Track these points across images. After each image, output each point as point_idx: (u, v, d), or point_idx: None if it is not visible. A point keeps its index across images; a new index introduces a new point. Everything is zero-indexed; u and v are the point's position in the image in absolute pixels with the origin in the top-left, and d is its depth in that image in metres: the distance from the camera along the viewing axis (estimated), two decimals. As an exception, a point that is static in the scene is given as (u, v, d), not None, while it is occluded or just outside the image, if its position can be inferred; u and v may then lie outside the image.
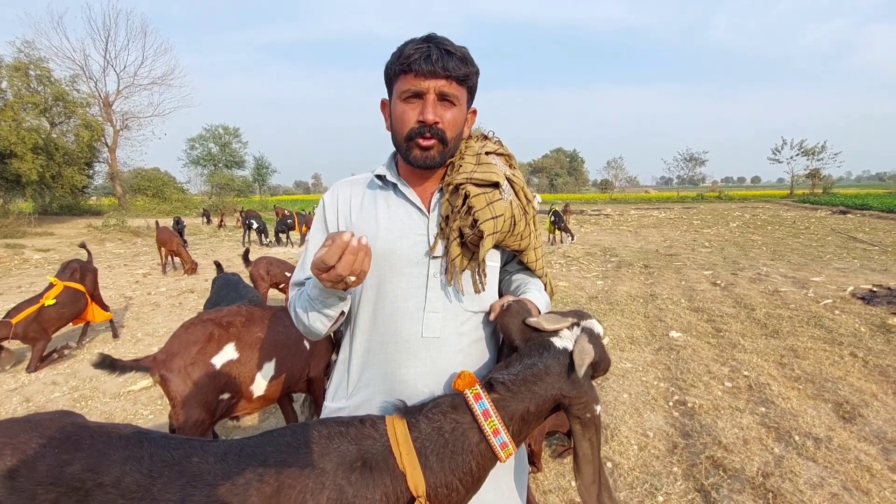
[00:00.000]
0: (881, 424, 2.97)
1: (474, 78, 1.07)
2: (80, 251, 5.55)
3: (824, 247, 11.09)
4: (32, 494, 0.88)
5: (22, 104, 18.14)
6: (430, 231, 1.10)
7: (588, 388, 0.97)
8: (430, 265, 1.08)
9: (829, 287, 6.68)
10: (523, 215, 1.13)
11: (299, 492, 0.87)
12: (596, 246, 12.11)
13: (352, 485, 0.88)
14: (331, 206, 1.16)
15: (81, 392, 3.82)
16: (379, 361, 1.09)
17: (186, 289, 7.59)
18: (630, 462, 2.65)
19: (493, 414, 0.93)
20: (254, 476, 0.89)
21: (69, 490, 0.89)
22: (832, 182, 44.91)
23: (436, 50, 1.00)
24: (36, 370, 4.21)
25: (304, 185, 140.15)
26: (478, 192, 1.06)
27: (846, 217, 20.11)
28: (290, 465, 0.90)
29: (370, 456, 0.91)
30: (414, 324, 1.07)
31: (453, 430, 0.93)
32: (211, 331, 2.24)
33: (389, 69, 1.06)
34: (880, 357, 4.03)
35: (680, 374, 3.80)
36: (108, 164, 25.63)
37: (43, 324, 4.28)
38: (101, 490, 0.89)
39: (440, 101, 1.03)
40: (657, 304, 6.03)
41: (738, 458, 2.62)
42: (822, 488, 2.36)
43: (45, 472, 0.90)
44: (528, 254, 1.18)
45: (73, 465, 0.92)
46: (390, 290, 1.08)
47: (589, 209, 30.05)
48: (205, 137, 33.93)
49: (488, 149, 1.15)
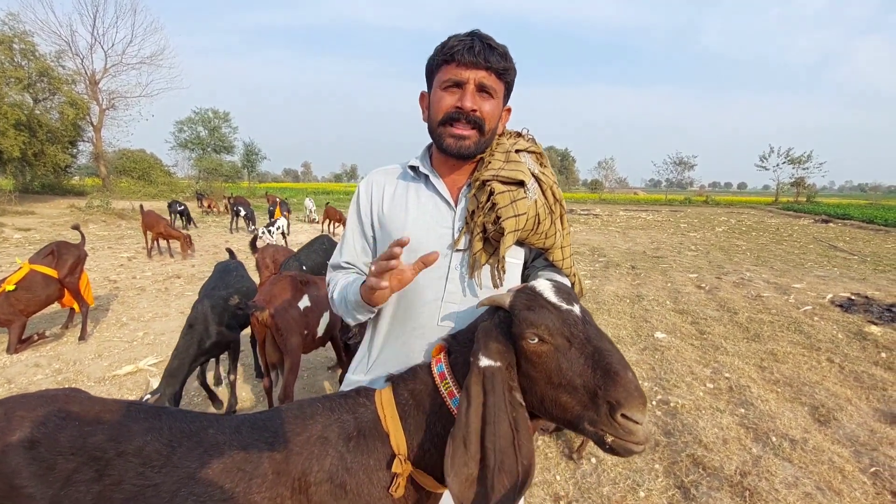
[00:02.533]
0: (854, 428, 3.08)
1: (513, 74, 1.10)
2: (74, 233, 5.44)
3: (806, 254, 11.35)
4: (53, 464, 0.91)
5: (5, 78, 17.63)
6: (455, 224, 1.13)
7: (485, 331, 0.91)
8: (452, 257, 1.12)
9: (810, 294, 6.85)
10: (549, 214, 1.15)
11: (305, 458, 0.93)
12: (585, 245, 12.23)
13: (350, 451, 0.95)
14: (365, 195, 1.21)
15: (65, 375, 3.77)
16: (397, 343, 1.15)
17: (173, 273, 7.50)
18: (613, 458, 2.71)
19: (447, 376, 0.95)
20: (265, 445, 0.95)
21: (90, 459, 0.92)
22: (816, 191, 45.83)
23: (479, 42, 1.03)
24: (16, 352, 4.13)
25: (294, 173, 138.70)
26: (503, 190, 1.08)
27: (828, 226, 20.59)
28: (297, 434, 0.96)
29: (363, 423, 0.97)
30: (432, 312, 1.11)
31: (421, 393, 0.97)
32: (294, 284, 2.99)
33: (432, 61, 1.10)
34: (856, 363, 4.16)
35: (664, 375, 3.88)
36: (92, 144, 25.07)
37: (15, 306, 4.14)
38: (122, 459, 0.93)
39: (479, 91, 1.06)
40: (643, 304, 6.13)
41: (718, 457, 2.70)
42: (796, 488, 2.44)
43: (66, 443, 0.94)
44: (555, 252, 1.20)
45: (95, 436, 0.95)
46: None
47: (579, 209, 30.28)
48: (194, 120, 33.29)
49: (519, 146, 1.18)
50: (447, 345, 1.01)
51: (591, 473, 2.57)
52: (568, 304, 0.91)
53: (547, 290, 0.93)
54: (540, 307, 0.89)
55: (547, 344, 0.86)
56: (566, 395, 0.85)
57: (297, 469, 0.93)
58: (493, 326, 0.93)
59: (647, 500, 2.36)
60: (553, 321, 0.87)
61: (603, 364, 0.82)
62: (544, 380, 0.87)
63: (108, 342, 4.48)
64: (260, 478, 0.92)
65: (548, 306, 0.90)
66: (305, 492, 0.92)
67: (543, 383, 0.88)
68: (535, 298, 0.91)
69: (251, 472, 0.93)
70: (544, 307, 0.89)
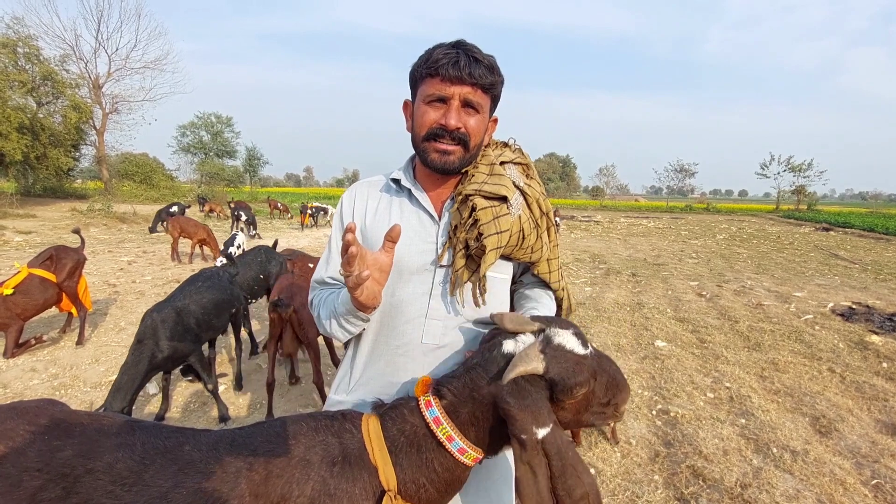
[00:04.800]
0: (856, 439, 3.05)
1: (499, 87, 1.07)
2: (73, 237, 5.45)
3: (807, 262, 11.33)
4: (18, 480, 0.88)
5: (8, 82, 17.72)
6: (438, 239, 1.10)
7: (529, 403, 0.88)
8: (436, 273, 1.09)
9: (811, 303, 6.83)
10: (534, 228, 1.13)
11: (286, 481, 0.90)
12: (585, 252, 12.22)
13: (334, 477, 0.91)
14: (348, 208, 1.18)
15: (61, 380, 3.75)
16: (381, 363, 1.11)
17: (173, 278, 7.49)
18: (612, 469, 2.68)
19: (443, 421, 0.93)
20: (244, 465, 0.91)
21: (57, 476, 0.89)
22: (817, 199, 45.76)
23: (464, 56, 1.00)
24: (13, 356, 4.12)
25: (296, 178, 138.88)
26: (485, 206, 1.06)
27: (829, 234, 20.56)
28: (278, 455, 0.92)
29: (349, 450, 0.94)
30: (415, 329, 1.08)
31: (413, 434, 0.95)
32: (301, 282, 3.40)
33: (416, 71, 1.06)
34: (857, 373, 4.13)
35: (664, 384, 3.85)
36: (95, 148, 25.16)
37: (12, 310, 4.13)
38: (91, 476, 0.89)
39: (464, 107, 1.03)
40: (644, 312, 6.11)
41: (718, 469, 2.67)
42: (797, 501, 2.41)
43: (33, 458, 0.90)
44: (541, 265, 1.18)
45: (63, 452, 0.92)
46: (397, 294, 1.09)
47: (580, 215, 30.29)
48: (196, 125, 33.43)
49: (504, 158, 1.15)
50: (437, 390, 0.98)
51: (589, 484, 2.55)
52: (588, 348, 0.96)
53: (571, 342, 0.94)
54: (576, 365, 0.91)
55: (587, 392, 0.94)
56: (587, 414, 0.98)
57: (276, 492, 0.89)
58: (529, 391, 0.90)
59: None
60: (588, 373, 0.94)
61: (614, 383, 0.98)
62: (573, 413, 0.96)
63: (105, 347, 4.47)
64: (236, 499, 0.88)
65: (581, 361, 0.93)
66: None
67: (572, 415, 0.97)
68: (567, 357, 0.92)
69: (227, 493, 0.88)
70: (579, 364, 0.92)
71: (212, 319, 3.30)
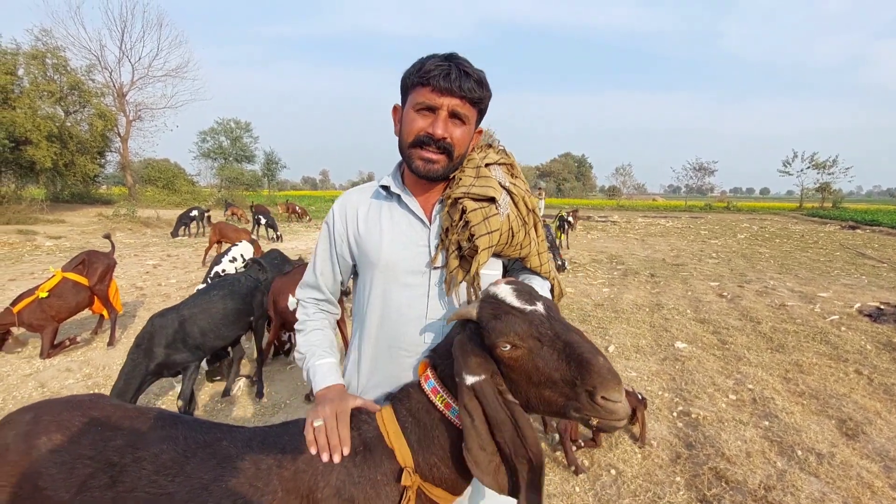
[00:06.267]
0: (884, 442, 2.99)
1: (487, 101, 1.11)
2: (104, 241, 5.63)
3: (832, 262, 11.05)
4: (72, 468, 0.95)
5: (38, 92, 18.35)
6: (430, 242, 1.14)
7: (465, 352, 0.93)
8: (431, 275, 1.13)
9: (836, 303, 6.67)
10: (522, 226, 1.17)
11: (311, 475, 0.97)
12: (602, 253, 12.11)
13: (356, 466, 0.98)
14: (339, 216, 1.22)
15: (95, 380, 3.90)
16: (386, 366, 1.16)
17: (196, 281, 7.67)
18: (633, 470, 2.69)
19: (440, 390, 0.99)
20: (274, 462, 0.99)
21: (106, 465, 0.96)
22: (842, 196, 44.40)
23: (455, 70, 1.04)
24: (48, 357, 4.29)
25: (312, 181, 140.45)
26: (475, 207, 1.10)
27: (855, 232, 19.97)
28: (303, 451, 0.99)
29: (368, 439, 1.01)
30: (416, 331, 1.13)
31: (418, 410, 1.01)
32: None
33: (407, 79, 1.10)
34: (885, 375, 4.03)
35: (685, 385, 3.83)
36: (119, 154, 25.88)
37: (48, 312, 4.31)
38: (137, 465, 0.97)
39: (451, 117, 1.07)
40: (663, 313, 6.05)
41: (741, 471, 2.65)
42: (822, 503, 2.39)
43: (87, 447, 0.98)
44: (532, 259, 1.23)
45: (114, 441, 0.99)
46: (395, 298, 1.14)
47: (596, 215, 30.01)
48: (216, 131, 34.09)
49: (489, 160, 1.19)
50: (431, 360, 1.05)
51: (610, 485, 2.56)
52: (531, 305, 0.94)
53: (508, 294, 0.95)
54: (505, 314, 0.92)
55: (520, 349, 0.90)
56: (548, 391, 0.89)
57: (304, 486, 0.96)
58: (466, 340, 0.96)
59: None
60: (520, 325, 0.91)
61: (575, 356, 0.86)
62: (525, 380, 0.92)
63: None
64: (270, 494, 0.95)
65: (513, 311, 0.92)
66: None
67: (525, 383, 0.92)
68: (499, 306, 0.94)
69: (262, 488, 0.96)
70: (509, 313, 0.92)
71: (221, 329, 3.32)
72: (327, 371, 1.14)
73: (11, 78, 16.98)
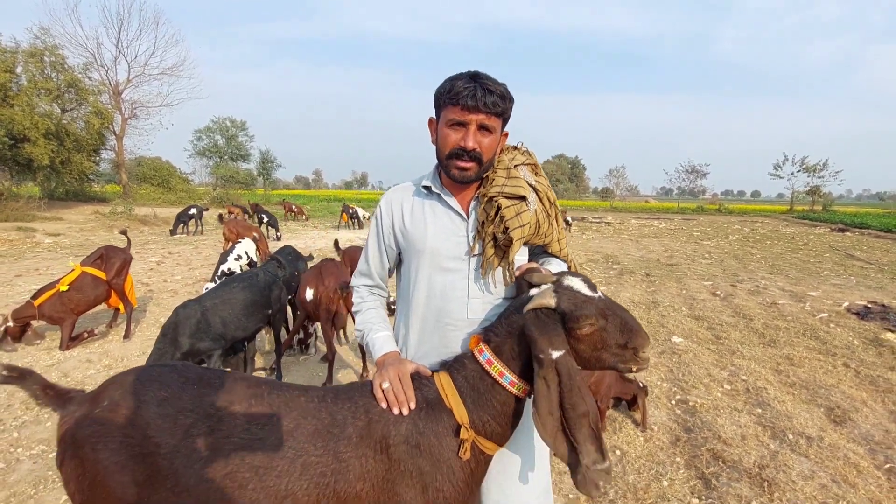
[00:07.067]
0: (869, 428, 3.20)
1: (510, 110, 1.29)
2: (120, 237, 5.73)
3: (822, 263, 11.35)
4: (175, 418, 1.11)
5: (36, 90, 18.31)
6: (468, 233, 1.33)
7: (546, 330, 1.11)
8: (470, 261, 1.32)
9: (826, 302, 6.92)
10: (546, 217, 1.37)
11: (384, 425, 1.15)
12: (598, 253, 12.35)
13: (422, 419, 1.17)
14: (386, 213, 1.41)
15: (115, 370, 4.02)
16: (433, 338, 1.36)
17: (201, 277, 7.78)
18: (637, 451, 2.87)
19: (494, 361, 1.18)
20: (349, 413, 1.18)
21: (205, 416, 1.13)
22: (832, 200, 45.05)
23: (480, 89, 1.20)
24: (68, 349, 4.41)
25: (305, 181, 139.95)
26: (508, 205, 1.28)
27: (845, 235, 20.41)
28: (375, 406, 1.18)
29: (430, 398, 1.20)
30: (461, 308, 1.32)
31: (473, 378, 1.20)
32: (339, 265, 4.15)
33: (439, 98, 1.28)
34: (871, 368, 4.26)
35: (682, 376, 4.02)
36: (114, 152, 25.78)
37: (67, 305, 4.44)
38: (231, 416, 1.14)
39: (479, 129, 1.24)
40: (659, 311, 6.26)
41: (737, 452, 2.85)
42: (812, 480, 2.58)
43: (187, 401, 1.14)
44: (553, 245, 1.43)
45: (209, 397, 1.15)
46: (439, 280, 1.33)
47: (590, 216, 30.33)
48: (212, 129, 34.01)
49: (517, 161, 1.38)
50: (484, 336, 1.23)
51: (616, 464, 2.74)
52: (595, 292, 1.17)
53: (579, 284, 1.17)
54: (584, 302, 1.14)
55: (595, 326, 1.13)
56: (606, 353, 1.15)
57: (377, 433, 1.14)
58: (546, 321, 1.13)
59: (671, 489, 2.52)
60: (594, 310, 1.13)
61: (627, 327, 1.14)
62: (591, 349, 1.15)
63: (150, 341, 4.72)
64: (346, 439, 1.13)
65: (588, 299, 1.14)
66: (386, 451, 1.14)
67: (590, 351, 1.16)
68: (575, 295, 1.15)
69: (338, 434, 1.14)
70: (587, 301, 1.14)
71: (241, 320, 3.46)
72: (384, 341, 1.35)
73: (10, 76, 16.92)
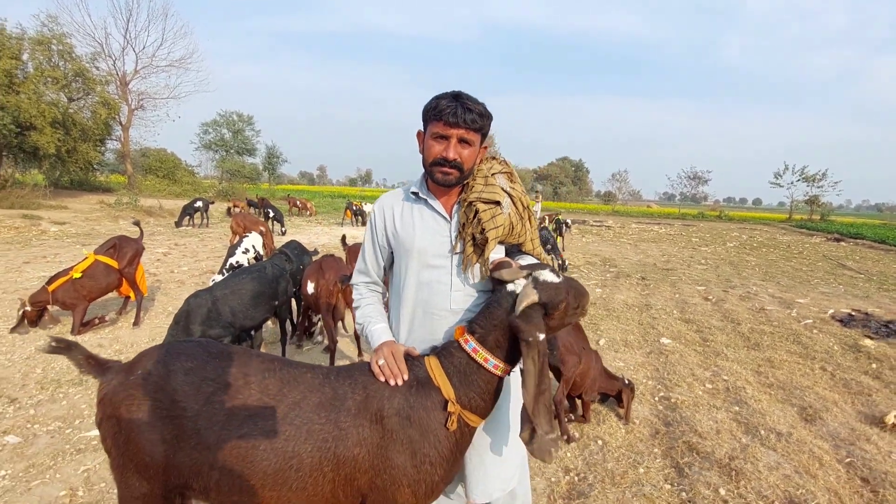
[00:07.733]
0: (837, 426, 3.41)
1: (487, 127, 1.50)
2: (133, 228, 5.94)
3: (814, 271, 11.56)
4: (199, 385, 1.32)
5: (42, 78, 18.48)
6: (451, 234, 1.53)
7: (531, 320, 1.30)
8: (453, 258, 1.53)
9: (812, 309, 7.13)
10: (520, 220, 1.58)
11: (379, 399, 1.36)
12: (597, 256, 12.55)
13: (412, 395, 1.38)
14: (379, 217, 1.62)
15: (126, 356, 4.22)
16: (422, 327, 1.57)
17: (207, 269, 7.99)
18: (618, 441, 3.08)
19: (479, 349, 1.40)
20: (349, 389, 1.38)
21: (224, 385, 1.33)
22: (831, 209, 45.27)
23: (461, 108, 1.40)
24: (79, 334, 4.61)
25: (309, 176, 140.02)
26: (485, 208, 1.49)
27: (839, 244, 20.61)
28: (373, 383, 1.39)
29: (420, 377, 1.41)
30: (444, 299, 1.53)
31: (460, 363, 1.41)
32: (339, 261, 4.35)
33: (426, 113, 1.47)
34: (846, 372, 4.47)
35: (667, 375, 4.23)
36: (120, 143, 25.98)
37: (80, 291, 4.64)
38: (247, 387, 1.34)
39: (459, 142, 1.43)
40: (651, 313, 6.47)
41: (710, 444, 3.05)
42: (777, 470, 2.79)
43: (210, 371, 1.35)
44: (526, 244, 1.64)
45: (228, 369, 1.36)
46: (426, 275, 1.54)
47: (591, 220, 30.52)
48: (219, 123, 34.30)
49: (494, 170, 1.60)
50: (469, 327, 1.43)
51: (597, 452, 2.94)
52: (560, 278, 1.40)
53: (549, 276, 1.39)
54: (555, 290, 1.37)
55: (565, 303, 1.37)
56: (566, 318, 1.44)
57: (374, 406, 1.35)
58: (531, 313, 1.34)
59: (646, 476, 2.73)
60: (564, 293, 1.38)
61: (579, 293, 1.42)
62: (559, 319, 1.39)
63: (159, 328, 4.94)
64: (346, 411, 1.33)
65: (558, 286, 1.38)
66: (381, 422, 1.34)
67: (558, 320, 1.40)
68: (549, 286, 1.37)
69: (339, 406, 1.34)
70: (557, 288, 1.38)
71: (249, 310, 3.67)
72: (381, 332, 1.55)
73: (16, 62, 17.05)
